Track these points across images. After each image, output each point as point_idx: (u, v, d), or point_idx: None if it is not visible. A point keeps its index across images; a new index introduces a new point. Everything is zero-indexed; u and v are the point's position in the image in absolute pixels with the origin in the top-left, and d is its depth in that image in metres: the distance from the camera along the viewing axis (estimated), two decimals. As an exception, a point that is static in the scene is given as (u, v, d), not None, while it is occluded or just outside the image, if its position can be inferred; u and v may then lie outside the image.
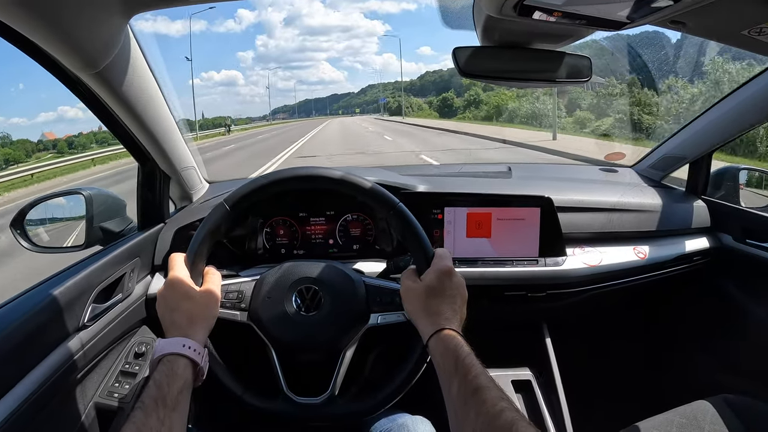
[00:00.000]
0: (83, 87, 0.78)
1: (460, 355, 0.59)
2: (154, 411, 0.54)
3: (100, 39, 0.69)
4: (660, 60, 8.41)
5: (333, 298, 0.78)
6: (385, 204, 0.76)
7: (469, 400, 0.54)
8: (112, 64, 0.74)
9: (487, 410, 0.52)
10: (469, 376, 0.56)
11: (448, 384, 0.59)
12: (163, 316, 0.68)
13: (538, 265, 1.05)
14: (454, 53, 0.84)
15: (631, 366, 1.36)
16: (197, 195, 1.18)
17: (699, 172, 1.25)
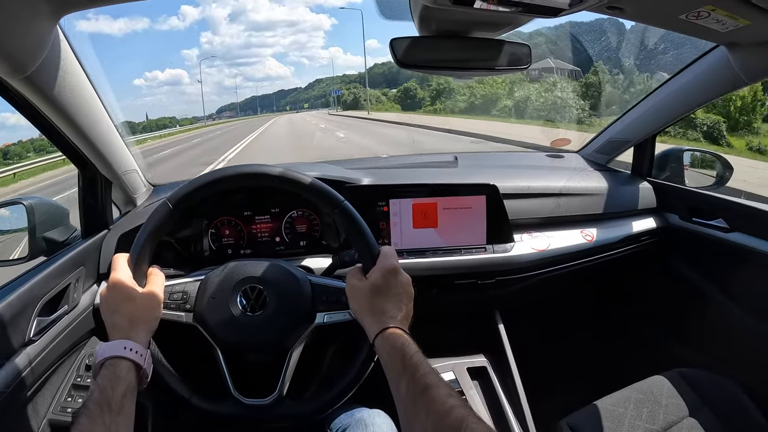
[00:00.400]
0: (14, 92, 0.76)
1: (407, 354, 0.60)
2: (99, 416, 0.53)
3: (27, 42, 0.67)
4: (603, 48, 8.70)
5: (278, 297, 0.77)
6: (330, 202, 0.76)
7: (418, 399, 0.54)
8: (42, 67, 0.72)
9: (436, 408, 0.52)
10: (417, 375, 0.57)
11: (396, 383, 0.59)
12: (105, 319, 0.67)
13: (486, 252, 1.06)
14: (392, 44, 0.84)
15: (586, 347, 1.38)
16: (141, 199, 1.16)
17: (643, 155, 1.28)
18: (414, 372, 0.57)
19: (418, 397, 0.54)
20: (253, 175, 0.79)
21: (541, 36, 13.19)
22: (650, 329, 1.31)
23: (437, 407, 0.52)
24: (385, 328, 0.64)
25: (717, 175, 1.29)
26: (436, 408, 0.52)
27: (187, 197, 0.75)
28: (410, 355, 0.59)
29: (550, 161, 1.37)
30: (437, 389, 0.54)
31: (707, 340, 1.23)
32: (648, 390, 1.02)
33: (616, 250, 1.17)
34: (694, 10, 0.72)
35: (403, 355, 0.60)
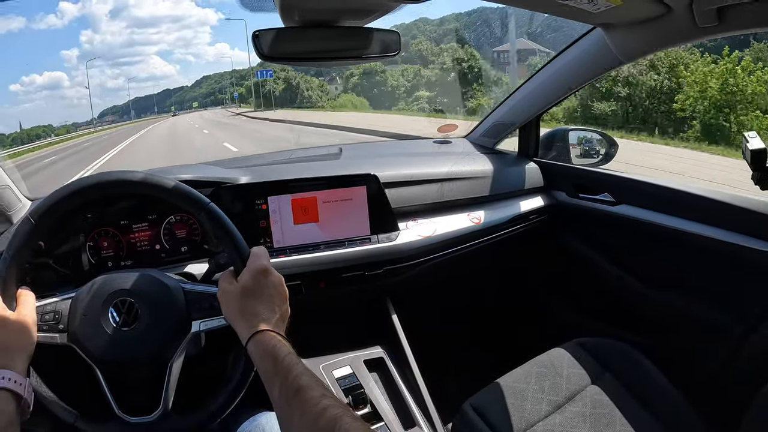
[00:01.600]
0: None
1: (279, 356, 0.58)
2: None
3: None
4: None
5: (150, 309, 0.73)
6: (195, 205, 0.73)
7: (291, 401, 0.53)
8: None
9: (310, 410, 0.51)
10: (289, 377, 0.55)
11: (270, 387, 0.57)
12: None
13: (371, 243, 1.06)
14: (256, 36, 0.81)
15: (484, 328, 1.42)
16: (18, 215, 1.09)
17: (529, 136, 1.32)
18: (286, 374, 0.56)
19: (291, 399, 0.53)
20: (114, 182, 0.75)
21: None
22: (548, 305, 1.36)
23: (310, 408, 0.51)
24: (257, 332, 0.62)
25: (602, 152, 1.35)
26: (309, 409, 0.51)
27: (50, 211, 0.71)
28: (282, 357, 0.58)
29: (437, 147, 1.39)
30: (310, 390, 0.53)
31: (603, 309, 1.29)
32: (549, 363, 1.05)
33: (506, 231, 1.20)
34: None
35: (275, 358, 0.58)
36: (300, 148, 1.28)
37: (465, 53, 11.70)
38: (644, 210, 1.15)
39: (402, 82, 15.99)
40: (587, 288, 1.30)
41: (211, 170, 1.07)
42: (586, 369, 1.03)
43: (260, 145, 11.63)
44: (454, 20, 13.43)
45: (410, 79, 15.28)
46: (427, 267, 1.12)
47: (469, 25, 9.80)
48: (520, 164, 1.29)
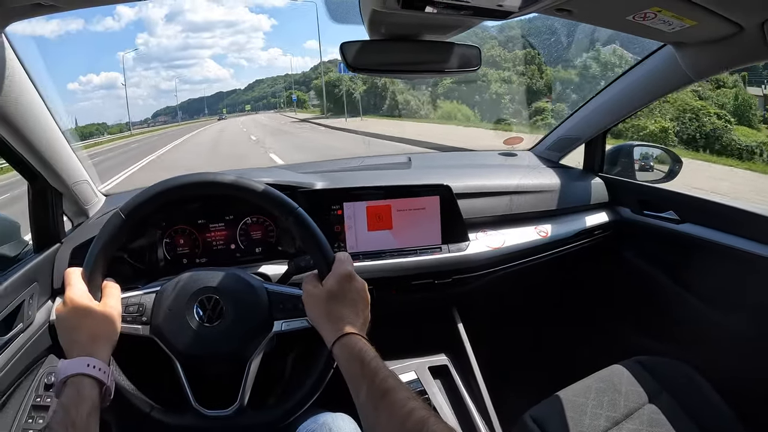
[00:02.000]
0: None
1: (365, 360, 0.60)
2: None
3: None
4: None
5: (235, 307, 0.76)
6: (283, 209, 0.76)
7: (378, 404, 0.55)
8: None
9: (397, 412, 0.52)
10: (376, 380, 0.57)
11: (356, 390, 0.59)
12: (63, 336, 0.66)
13: (441, 252, 1.07)
14: (342, 48, 0.85)
15: (546, 340, 1.41)
16: (94, 209, 1.14)
17: (594, 152, 1.32)
18: (373, 377, 0.58)
19: (378, 402, 0.55)
20: (205, 183, 0.78)
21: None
22: (607, 320, 1.35)
23: (398, 411, 0.53)
24: (343, 335, 0.65)
25: (667, 169, 1.34)
26: (396, 412, 0.53)
27: (140, 207, 0.75)
28: (368, 361, 0.60)
29: (503, 160, 1.40)
30: (397, 393, 0.55)
31: (663, 328, 1.27)
32: (608, 379, 1.05)
33: (571, 245, 1.20)
34: (641, 12, 0.74)
35: (362, 361, 0.60)
36: (369, 156, 1.31)
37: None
38: (709, 229, 1.13)
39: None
40: (648, 305, 1.29)
41: (286, 174, 1.10)
42: (644, 387, 1.03)
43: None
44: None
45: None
46: (494, 278, 1.13)
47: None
48: (585, 179, 1.29)
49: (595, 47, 8.99)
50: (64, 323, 0.66)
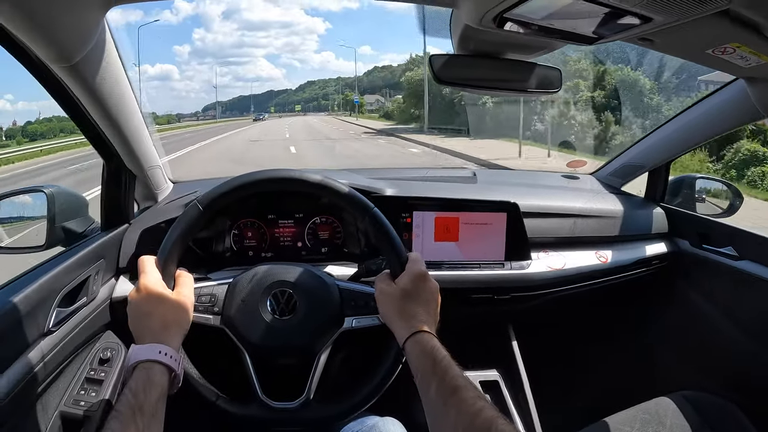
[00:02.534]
0: (53, 79, 0.76)
1: (437, 357, 0.61)
2: (132, 421, 0.53)
3: (76, 32, 0.68)
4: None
5: (308, 302, 0.78)
6: (360, 208, 0.77)
7: (448, 400, 0.56)
8: (87, 58, 0.72)
9: (466, 409, 0.53)
10: (447, 377, 0.58)
11: (426, 385, 0.60)
12: (136, 322, 0.67)
13: (503, 268, 1.08)
14: (430, 60, 0.87)
15: (595, 365, 1.40)
16: (162, 195, 1.16)
17: (657, 181, 1.31)
18: (444, 374, 0.59)
19: (448, 399, 0.56)
20: (287, 180, 0.79)
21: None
22: (657, 351, 1.33)
23: (467, 408, 0.53)
24: (416, 332, 0.65)
25: (728, 204, 1.33)
26: (466, 409, 0.54)
27: (218, 199, 0.76)
28: (440, 358, 0.61)
29: (566, 182, 1.39)
30: (467, 391, 0.56)
31: (711, 363, 1.26)
32: (654, 411, 1.04)
33: (628, 273, 1.19)
34: (720, 46, 0.75)
35: (434, 358, 0.61)
36: (434, 168, 1.31)
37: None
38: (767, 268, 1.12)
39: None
40: (698, 339, 1.28)
41: (356, 178, 1.11)
42: (688, 422, 1.02)
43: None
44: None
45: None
46: (551, 299, 1.13)
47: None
48: (647, 208, 1.28)
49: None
50: (137, 309, 0.67)
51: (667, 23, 0.60)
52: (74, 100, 0.81)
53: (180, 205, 1.07)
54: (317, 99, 71.69)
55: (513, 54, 0.92)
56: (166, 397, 0.60)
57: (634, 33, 0.68)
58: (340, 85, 61.27)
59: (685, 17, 0.58)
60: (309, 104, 71.39)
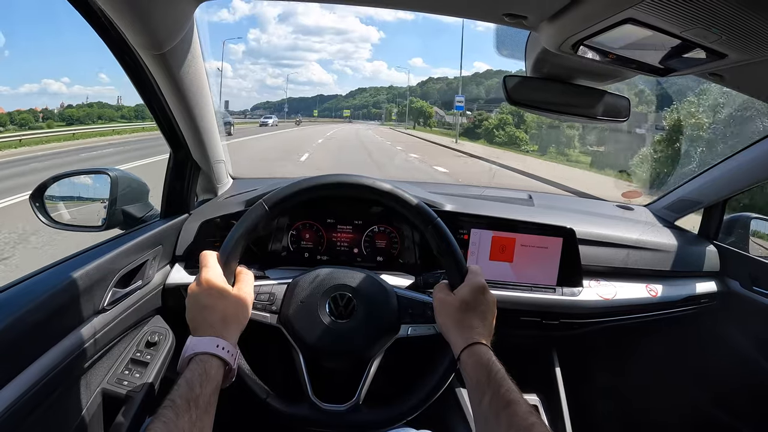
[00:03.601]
0: (139, 66, 0.78)
1: (493, 370, 0.61)
2: (186, 412, 0.53)
3: (169, 22, 0.70)
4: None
5: (366, 307, 0.78)
6: (424, 217, 0.78)
7: (501, 413, 0.56)
8: (175, 48, 0.75)
9: (518, 424, 0.53)
10: (501, 390, 0.58)
11: (479, 396, 0.60)
12: (195, 314, 0.67)
13: (555, 293, 1.07)
14: (504, 80, 0.88)
15: (635, 400, 1.39)
16: (222, 189, 1.18)
17: (713, 218, 1.28)
18: (498, 387, 0.59)
19: (501, 411, 0.56)
20: (356, 185, 0.80)
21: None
22: (698, 392, 1.31)
23: (519, 422, 0.54)
24: (473, 343, 0.66)
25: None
26: (518, 423, 0.54)
27: (285, 201, 0.76)
28: (495, 371, 0.61)
29: (620, 212, 1.37)
30: (519, 406, 0.56)
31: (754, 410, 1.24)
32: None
33: (677, 309, 1.18)
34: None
35: (489, 371, 0.61)
36: (491, 187, 1.31)
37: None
38: None
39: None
40: (740, 386, 1.25)
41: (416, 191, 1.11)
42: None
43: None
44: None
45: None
46: (598, 328, 1.12)
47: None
48: (700, 245, 1.26)
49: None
50: (197, 302, 0.68)
51: (741, 61, 0.60)
52: (155, 88, 0.83)
53: (239, 201, 1.08)
54: (367, 107, 69.96)
55: (584, 80, 0.92)
56: (218, 391, 0.60)
57: (707, 68, 0.68)
58: (390, 95, 59.50)
59: (760, 57, 0.58)
60: (359, 111, 69.44)
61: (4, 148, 14.01)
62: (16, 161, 11.36)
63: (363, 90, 78.39)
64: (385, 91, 71.48)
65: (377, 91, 75.58)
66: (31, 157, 12.38)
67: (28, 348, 0.64)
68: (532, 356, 1.19)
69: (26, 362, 0.63)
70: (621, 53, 0.67)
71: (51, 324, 0.68)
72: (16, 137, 15.69)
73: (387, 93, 67.70)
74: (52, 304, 0.68)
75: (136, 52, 0.74)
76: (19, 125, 26.94)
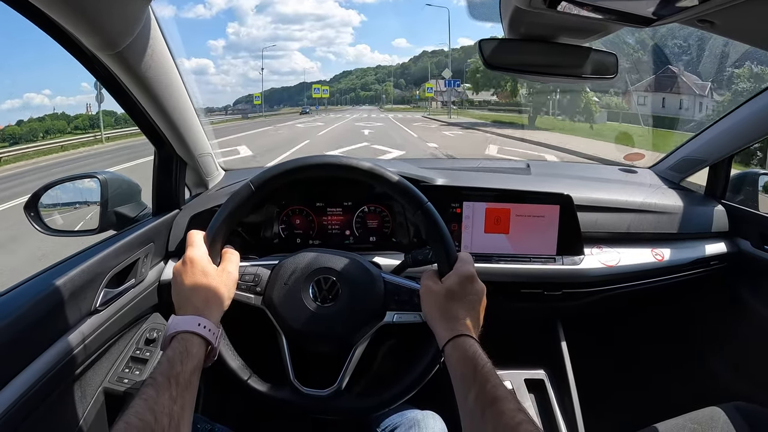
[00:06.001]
0: (101, 67, 0.77)
1: (478, 364, 0.58)
2: (166, 389, 0.52)
3: (121, 19, 0.68)
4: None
5: (351, 291, 0.76)
6: (413, 201, 0.75)
7: (486, 410, 0.53)
8: (132, 45, 0.73)
9: (505, 422, 0.51)
10: (487, 386, 0.55)
11: (464, 392, 0.58)
12: (178, 293, 0.67)
13: (555, 263, 1.04)
14: (480, 44, 0.84)
15: (644, 368, 1.35)
16: (213, 182, 1.17)
17: (718, 176, 1.23)
18: (484, 383, 0.56)
19: (486, 409, 0.53)
20: (341, 166, 0.77)
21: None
22: (711, 357, 1.27)
23: (506, 421, 0.51)
24: (458, 335, 0.63)
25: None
26: (504, 422, 0.51)
27: (271, 181, 0.75)
28: (481, 366, 0.58)
29: (623, 176, 1.33)
30: (507, 402, 0.53)
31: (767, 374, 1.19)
32: (704, 421, 0.98)
33: (685, 273, 1.13)
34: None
35: (475, 365, 0.58)
36: (488, 159, 1.28)
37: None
38: None
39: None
40: (754, 348, 1.20)
41: (407, 167, 1.09)
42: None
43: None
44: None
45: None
46: (603, 297, 1.08)
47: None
48: (707, 205, 1.21)
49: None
50: (180, 280, 0.67)
51: (729, 1, 0.55)
52: (123, 87, 0.82)
53: (228, 192, 1.07)
54: (355, 89, 66.21)
55: (565, 38, 0.87)
56: (201, 370, 0.60)
57: (694, 13, 0.63)
58: (382, 74, 56.02)
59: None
60: (345, 96, 65.58)
61: None
62: None
63: (348, 73, 75.12)
64: (373, 72, 68.37)
65: (364, 72, 72.09)
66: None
67: (21, 353, 0.64)
68: (536, 330, 1.16)
69: (21, 366, 0.63)
70: (597, 3, 0.62)
71: (42, 329, 0.68)
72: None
73: (375, 73, 64.23)
74: (40, 309, 0.68)
75: (92, 52, 0.73)
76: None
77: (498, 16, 0.87)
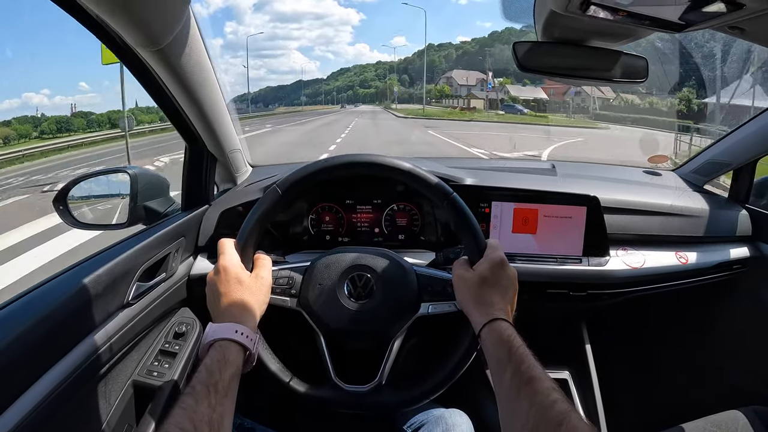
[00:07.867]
0: (140, 64, 0.78)
1: (514, 346, 0.60)
2: (205, 397, 0.53)
3: (163, 17, 0.69)
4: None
5: (385, 286, 0.77)
6: (439, 193, 0.75)
7: (522, 389, 0.54)
8: (173, 43, 0.75)
9: (540, 400, 0.52)
10: (522, 367, 0.57)
11: (500, 373, 0.59)
12: (214, 301, 0.68)
13: (581, 264, 1.04)
14: (514, 47, 0.85)
15: (665, 370, 1.35)
16: (241, 178, 1.18)
17: (742, 180, 1.23)
18: (519, 363, 0.57)
19: (522, 388, 0.54)
20: (367, 164, 0.78)
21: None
22: (732, 361, 1.27)
23: (541, 399, 0.52)
24: (493, 319, 0.64)
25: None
26: (539, 400, 0.52)
27: (297, 184, 0.75)
28: (516, 347, 0.59)
29: (648, 178, 1.33)
30: (542, 382, 0.54)
31: None
32: (723, 424, 0.99)
33: (708, 276, 1.14)
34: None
35: (510, 347, 0.60)
36: (514, 158, 1.28)
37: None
38: None
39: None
40: None
41: (436, 166, 1.09)
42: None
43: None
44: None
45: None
46: (626, 299, 1.09)
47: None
48: (731, 208, 1.21)
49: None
50: (215, 289, 0.68)
51: (760, 10, 0.56)
52: (159, 83, 0.83)
53: (258, 189, 1.08)
54: (353, 87, 64.13)
55: (598, 42, 0.89)
56: (239, 376, 0.61)
57: (725, 20, 0.63)
58: (383, 70, 53.41)
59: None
60: (342, 94, 63.79)
61: None
62: None
63: (347, 70, 72.64)
64: (373, 68, 65.98)
65: (363, 69, 69.48)
66: None
67: (56, 345, 0.66)
68: (561, 331, 1.17)
69: (55, 358, 0.65)
70: (633, 9, 0.64)
71: (76, 322, 0.70)
72: None
73: (375, 70, 61.89)
74: (75, 302, 0.69)
75: (135, 50, 0.74)
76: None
77: (532, 18, 0.89)
